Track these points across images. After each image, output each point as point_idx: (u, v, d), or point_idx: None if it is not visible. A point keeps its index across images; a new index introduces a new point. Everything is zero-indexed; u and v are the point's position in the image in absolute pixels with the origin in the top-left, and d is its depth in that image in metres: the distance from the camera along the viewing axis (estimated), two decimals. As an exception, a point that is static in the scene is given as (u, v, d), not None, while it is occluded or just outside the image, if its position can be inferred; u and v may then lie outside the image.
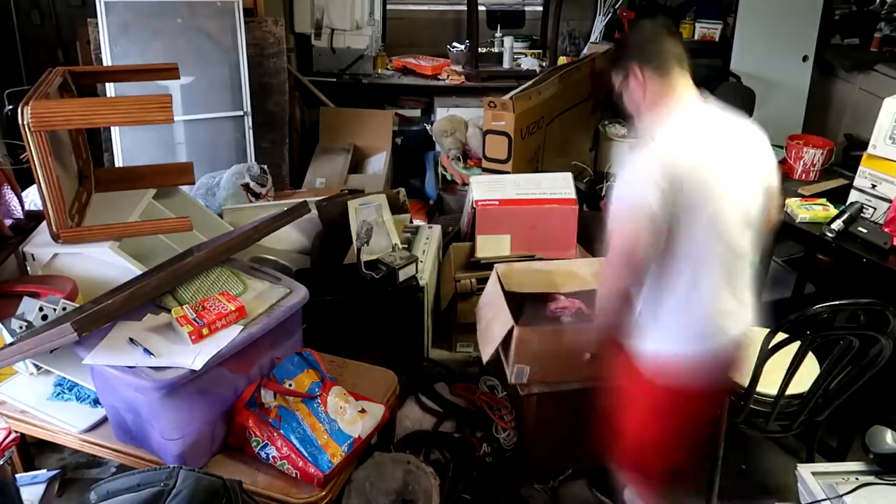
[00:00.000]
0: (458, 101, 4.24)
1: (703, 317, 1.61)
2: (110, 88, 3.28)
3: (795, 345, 1.92)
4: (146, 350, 1.68)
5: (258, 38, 3.63)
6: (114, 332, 1.74)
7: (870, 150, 2.34)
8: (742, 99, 3.82)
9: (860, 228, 2.24)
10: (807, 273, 2.74)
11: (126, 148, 3.41)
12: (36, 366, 2.03)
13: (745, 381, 2.04)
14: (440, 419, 2.47)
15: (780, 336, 1.92)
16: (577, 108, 3.90)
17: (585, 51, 4.48)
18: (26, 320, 1.97)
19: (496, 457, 2.34)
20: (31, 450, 2.20)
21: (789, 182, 2.91)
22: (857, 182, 2.39)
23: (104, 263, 2.30)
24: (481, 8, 4.34)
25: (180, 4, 3.40)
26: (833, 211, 2.37)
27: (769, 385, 2.00)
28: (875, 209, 2.34)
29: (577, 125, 4.01)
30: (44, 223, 2.32)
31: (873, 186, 2.34)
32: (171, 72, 2.68)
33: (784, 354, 1.93)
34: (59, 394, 1.98)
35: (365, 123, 4.21)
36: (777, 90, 4.33)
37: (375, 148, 4.19)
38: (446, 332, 3.00)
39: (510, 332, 2.14)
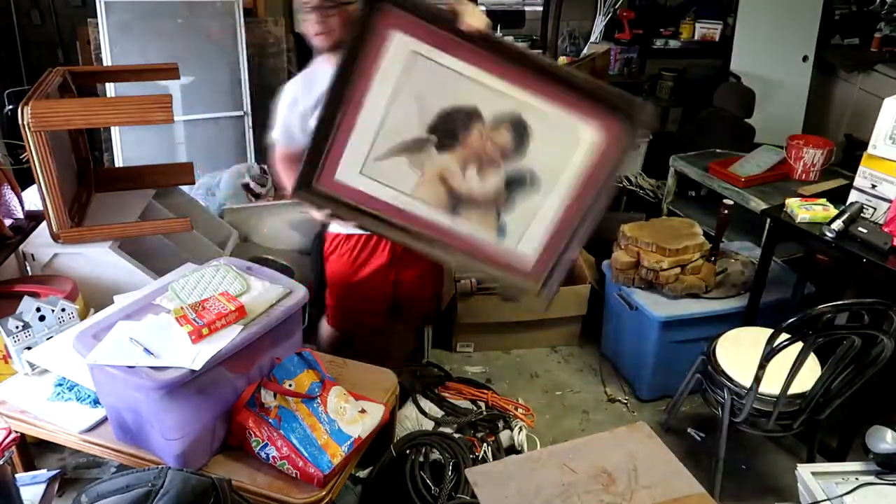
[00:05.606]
0: (458, 101, 4.22)
1: None
2: (110, 88, 3.28)
3: (795, 344, 1.92)
4: (146, 350, 1.68)
5: (258, 38, 3.63)
6: (114, 332, 1.74)
7: (870, 150, 2.34)
8: (742, 99, 3.82)
9: (860, 228, 2.23)
10: (807, 273, 2.73)
11: (126, 148, 3.41)
12: (31, 365, 2.02)
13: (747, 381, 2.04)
14: (440, 419, 2.47)
15: (784, 336, 1.93)
16: (577, 108, 3.89)
17: (585, 51, 4.47)
18: (23, 320, 1.97)
19: (495, 458, 2.34)
20: (31, 450, 2.19)
21: (789, 182, 2.91)
22: (857, 182, 2.39)
23: (104, 263, 2.30)
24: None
25: (180, 4, 3.40)
26: (833, 211, 2.36)
27: (770, 385, 2.01)
28: (875, 209, 2.33)
29: (577, 125, 4.01)
30: (44, 223, 2.32)
31: (873, 186, 2.34)
32: (171, 72, 2.68)
33: (783, 353, 1.93)
34: (59, 394, 1.98)
35: (365, 123, 4.20)
36: (777, 90, 4.32)
37: (375, 148, 4.17)
38: (446, 332, 3.00)
39: None
